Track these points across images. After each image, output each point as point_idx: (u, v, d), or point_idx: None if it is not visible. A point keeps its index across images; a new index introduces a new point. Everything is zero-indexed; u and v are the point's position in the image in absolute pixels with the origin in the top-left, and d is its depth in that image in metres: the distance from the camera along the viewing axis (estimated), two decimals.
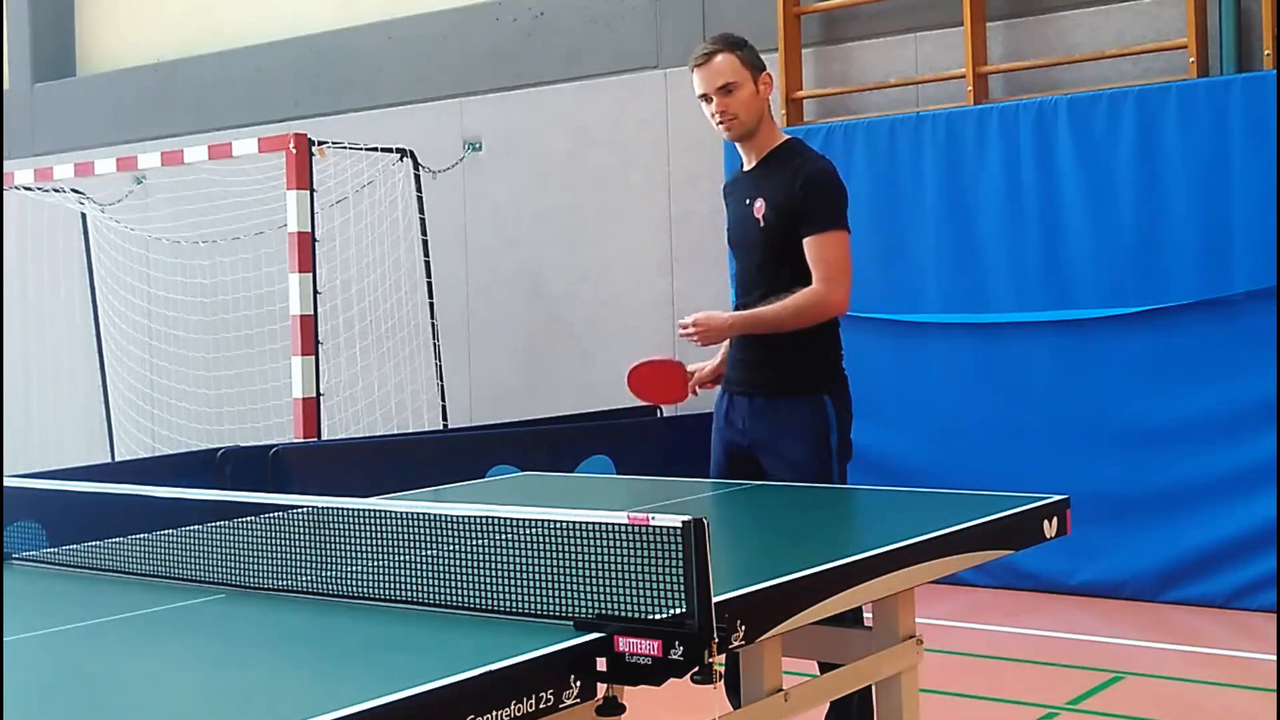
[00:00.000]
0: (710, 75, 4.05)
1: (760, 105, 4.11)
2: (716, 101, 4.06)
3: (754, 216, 4.10)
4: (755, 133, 4.12)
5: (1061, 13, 7.52)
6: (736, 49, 4.09)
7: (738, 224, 4.24)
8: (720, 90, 4.04)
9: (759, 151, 4.16)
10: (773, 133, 4.18)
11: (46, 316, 11.60)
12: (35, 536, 3.40)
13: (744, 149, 4.19)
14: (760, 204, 4.09)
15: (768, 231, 4.07)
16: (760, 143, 4.15)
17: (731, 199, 4.31)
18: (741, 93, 4.05)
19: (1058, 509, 3.52)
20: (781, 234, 4.05)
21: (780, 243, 4.05)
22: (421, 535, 2.81)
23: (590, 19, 9.12)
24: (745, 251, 4.21)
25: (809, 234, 4.02)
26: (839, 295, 4.05)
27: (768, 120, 4.15)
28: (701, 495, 3.99)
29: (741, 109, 4.06)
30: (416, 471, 5.84)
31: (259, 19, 10.87)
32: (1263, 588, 6.41)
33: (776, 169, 4.12)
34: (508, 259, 9.41)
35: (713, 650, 2.18)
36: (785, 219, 4.04)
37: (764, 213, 4.08)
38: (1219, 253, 6.55)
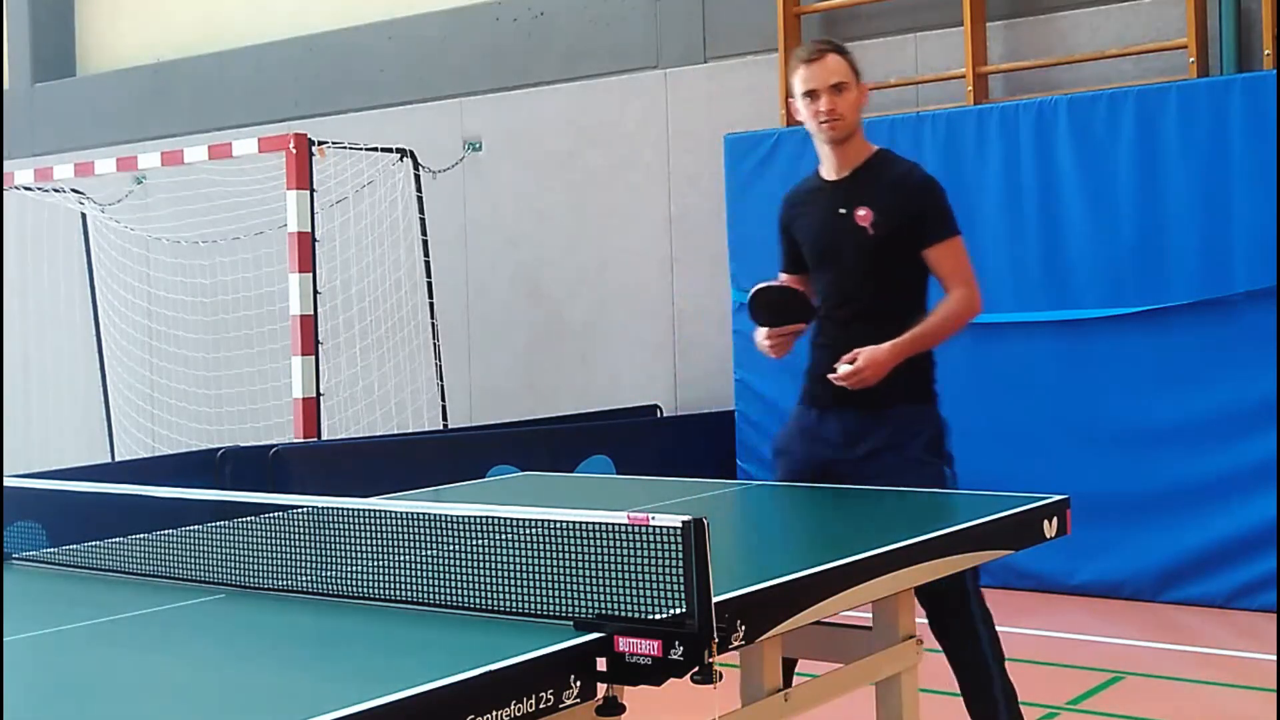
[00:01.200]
0: (824, 72, 4.01)
1: (859, 114, 4.08)
2: (826, 99, 4.00)
3: (858, 224, 4.01)
4: (851, 139, 4.07)
5: (1061, 13, 7.52)
6: (845, 53, 4.07)
7: (827, 234, 4.12)
8: (832, 89, 4.00)
9: (850, 160, 4.09)
10: (865, 143, 4.13)
11: (46, 316, 11.60)
12: (35, 536, 3.40)
13: (835, 155, 4.11)
14: (865, 211, 4.01)
15: (879, 239, 3.99)
16: (853, 151, 4.09)
17: (808, 209, 4.20)
18: (849, 94, 4.03)
19: (1058, 509, 3.52)
20: (891, 242, 3.99)
21: (889, 251, 4.00)
22: (421, 535, 2.81)
23: (590, 19, 9.12)
24: (842, 260, 4.08)
25: (934, 242, 4.00)
26: (979, 298, 4.05)
27: (861, 131, 4.11)
28: (701, 495, 3.98)
29: (848, 110, 4.02)
30: (416, 471, 5.84)
31: (259, 19, 10.87)
32: (1263, 588, 6.40)
33: (877, 177, 4.06)
34: (508, 259, 9.41)
35: (713, 650, 2.18)
36: (897, 227, 3.98)
37: (872, 219, 3.99)
38: (1219, 253, 6.55)
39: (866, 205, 4.02)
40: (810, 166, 8.20)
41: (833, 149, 4.11)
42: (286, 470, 6.77)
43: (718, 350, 8.28)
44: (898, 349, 3.90)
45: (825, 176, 4.17)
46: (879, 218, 4.00)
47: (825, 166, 4.18)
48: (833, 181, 4.14)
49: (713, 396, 8.43)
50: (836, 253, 4.10)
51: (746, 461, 7.92)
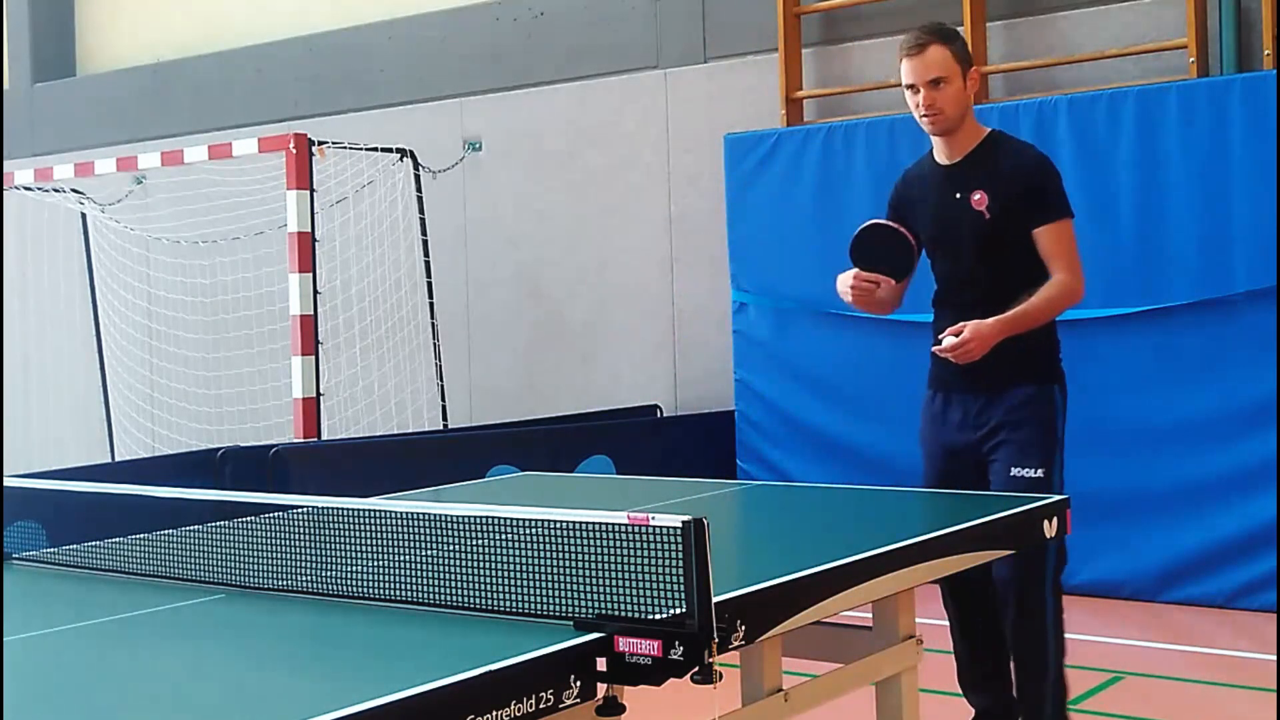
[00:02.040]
0: (922, 67, 3.98)
1: (966, 101, 4.03)
2: (924, 94, 3.98)
3: (973, 208, 4.01)
4: (960, 128, 4.04)
5: (1061, 13, 7.51)
6: (949, 42, 4.02)
7: (943, 219, 4.11)
8: (930, 84, 3.97)
9: (962, 146, 4.08)
10: (976, 126, 4.10)
11: (46, 316, 11.60)
12: (35, 536, 3.40)
13: (944, 143, 4.10)
14: (980, 195, 4.00)
15: (994, 223, 3.99)
16: (964, 137, 4.07)
17: (923, 194, 4.17)
18: (950, 88, 3.98)
19: (1058, 509, 3.52)
20: (1007, 226, 3.99)
21: (1004, 235, 4.00)
22: (421, 535, 2.81)
23: (590, 19, 9.12)
24: (959, 246, 4.09)
25: (1042, 223, 3.99)
26: (1081, 283, 4.04)
27: (972, 115, 4.08)
28: (701, 495, 3.99)
29: (949, 104, 3.99)
30: (416, 471, 5.84)
31: (259, 19, 10.87)
32: (1263, 588, 6.40)
33: (990, 160, 4.04)
34: (508, 259, 9.41)
35: (713, 650, 2.18)
36: (1012, 210, 3.98)
37: (987, 204, 3.99)
38: (1219, 253, 6.55)
39: (980, 189, 4.01)
40: (810, 166, 8.19)
41: (942, 138, 4.09)
42: (286, 470, 6.78)
43: (718, 350, 8.28)
44: (1002, 324, 3.91)
45: (938, 161, 4.14)
46: (993, 201, 3.99)
47: (937, 152, 4.15)
48: (945, 166, 4.12)
49: (713, 396, 8.43)
50: (953, 238, 4.10)
51: (746, 461, 7.92)
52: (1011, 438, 4.00)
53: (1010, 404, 4.02)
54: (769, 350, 7.83)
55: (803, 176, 7.66)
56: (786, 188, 7.71)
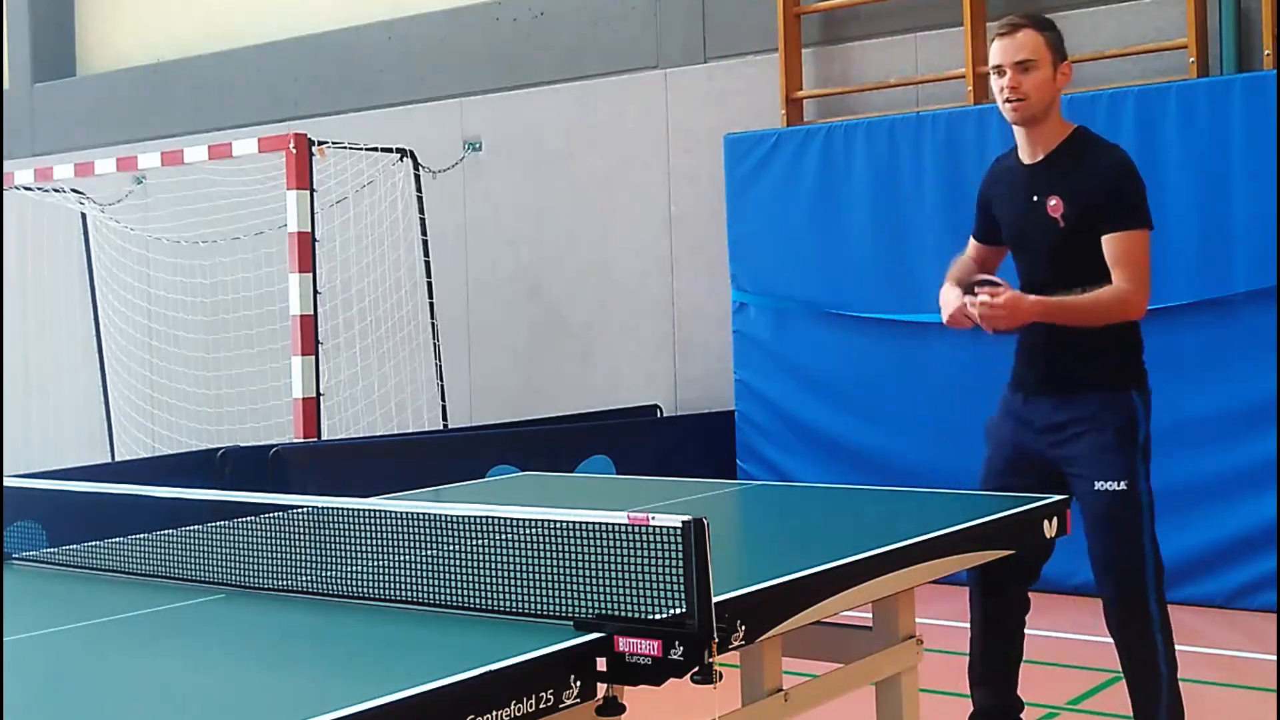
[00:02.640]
0: (1011, 48, 3.89)
1: (1053, 93, 3.90)
2: (1010, 76, 3.87)
3: (1048, 215, 3.87)
4: (1042, 121, 3.92)
5: (1061, 13, 7.50)
6: (1044, 29, 3.92)
7: (1020, 221, 3.99)
8: (1017, 65, 3.87)
9: (1045, 143, 3.94)
10: (1061, 124, 3.96)
11: (46, 316, 11.60)
12: (35, 536, 3.40)
13: (1027, 136, 3.96)
14: (1056, 201, 3.87)
15: (1069, 231, 3.85)
16: (1047, 133, 3.94)
17: (1005, 192, 4.05)
18: (1038, 73, 3.87)
19: (1058, 509, 3.52)
20: (1084, 233, 3.84)
21: (1081, 242, 3.84)
22: (421, 535, 2.81)
23: (590, 19, 9.12)
24: (1034, 251, 3.96)
25: (1112, 230, 3.82)
26: (1142, 298, 3.84)
27: (1058, 111, 3.95)
28: (701, 495, 3.99)
29: (1034, 90, 3.87)
30: (416, 471, 5.84)
31: (259, 19, 10.87)
32: (1263, 588, 6.40)
33: (1070, 162, 3.91)
34: (508, 259, 9.41)
35: (713, 650, 2.18)
36: (1088, 217, 3.84)
37: (1063, 211, 3.86)
38: (1219, 253, 6.55)
39: (1057, 195, 3.88)
40: (810, 166, 8.19)
41: (1025, 130, 3.96)
42: (286, 470, 6.78)
43: (718, 350, 8.28)
44: (1041, 305, 3.78)
45: (1021, 158, 4.02)
46: (1069, 209, 3.86)
47: (1020, 146, 4.03)
48: (1026, 166, 3.99)
49: (713, 396, 8.43)
50: (1030, 240, 3.98)
51: (746, 461, 7.92)
52: (1088, 448, 3.86)
53: (1090, 409, 3.88)
54: (769, 350, 7.83)
55: (803, 176, 7.66)
56: (786, 188, 7.71)
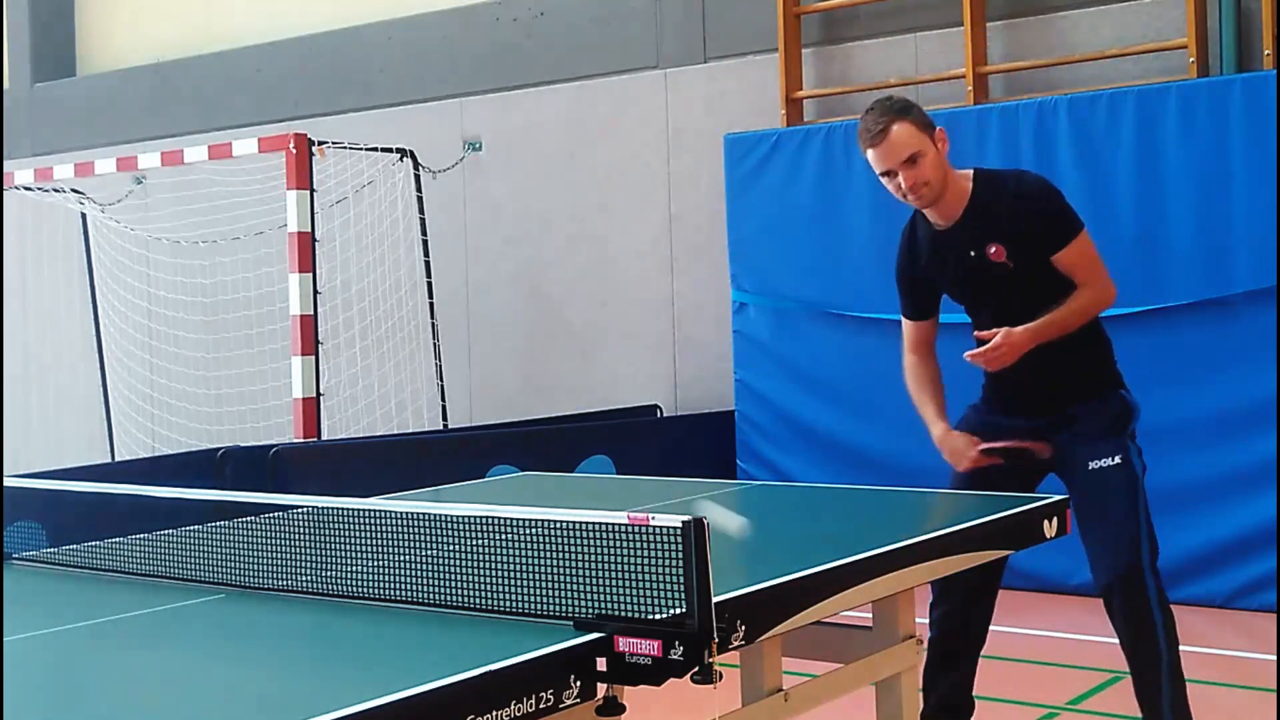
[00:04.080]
0: (891, 151, 3.85)
1: (943, 164, 3.91)
2: (904, 175, 3.85)
3: (993, 263, 3.92)
4: (944, 192, 3.93)
5: (1061, 13, 7.51)
6: (906, 115, 3.88)
7: (966, 279, 4.02)
8: (906, 163, 3.84)
9: (955, 205, 3.95)
10: (959, 180, 3.97)
11: (46, 316, 11.60)
12: (35, 536, 3.40)
13: (935, 210, 3.97)
14: (996, 248, 3.90)
15: (1019, 269, 3.92)
16: (953, 196, 3.94)
17: (937, 260, 4.05)
18: (925, 159, 3.85)
19: (1058, 509, 3.52)
20: (1032, 264, 3.92)
21: (1033, 274, 3.93)
22: (421, 535, 2.81)
23: (590, 19, 9.12)
24: (991, 299, 4.01)
25: (1058, 248, 3.91)
26: (1110, 289, 4.02)
27: (951, 172, 3.95)
28: (701, 495, 3.99)
29: (931, 174, 3.86)
30: (416, 471, 5.84)
31: (259, 19, 10.87)
32: (1263, 588, 6.40)
33: (990, 209, 3.94)
34: (508, 259, 9.41)
35: (713, 650, 2.18)
36: (1032, 248, 3.91)
37: (1007, 254, 3.90)
38: (1219, 253, 6.55)
39: (993, 241, 3.92)
40: (810, 166, 8.16)
41: (933, 207, 3.97)
42: (286, 470, 6.77)
43: (718, 350, 8.28)
44: (1032, 332, 3.86)
45: (937, 224, 4.02)
46: (1012, 249, 3.91)
47: (931, 217, 4.03)
48: (947, 229, 4.00)
49: (713, 396, 8.43)
50: (985, 292, 4.02)
51: (746, 461, 7.92)
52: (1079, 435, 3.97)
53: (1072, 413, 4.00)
54: (769, 350, 7.83)
55: (803, 176, 7.66)
56: (786, 188, 7.71)
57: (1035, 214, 3.93)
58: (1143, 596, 3.93)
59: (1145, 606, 3.94)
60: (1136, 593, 3.93)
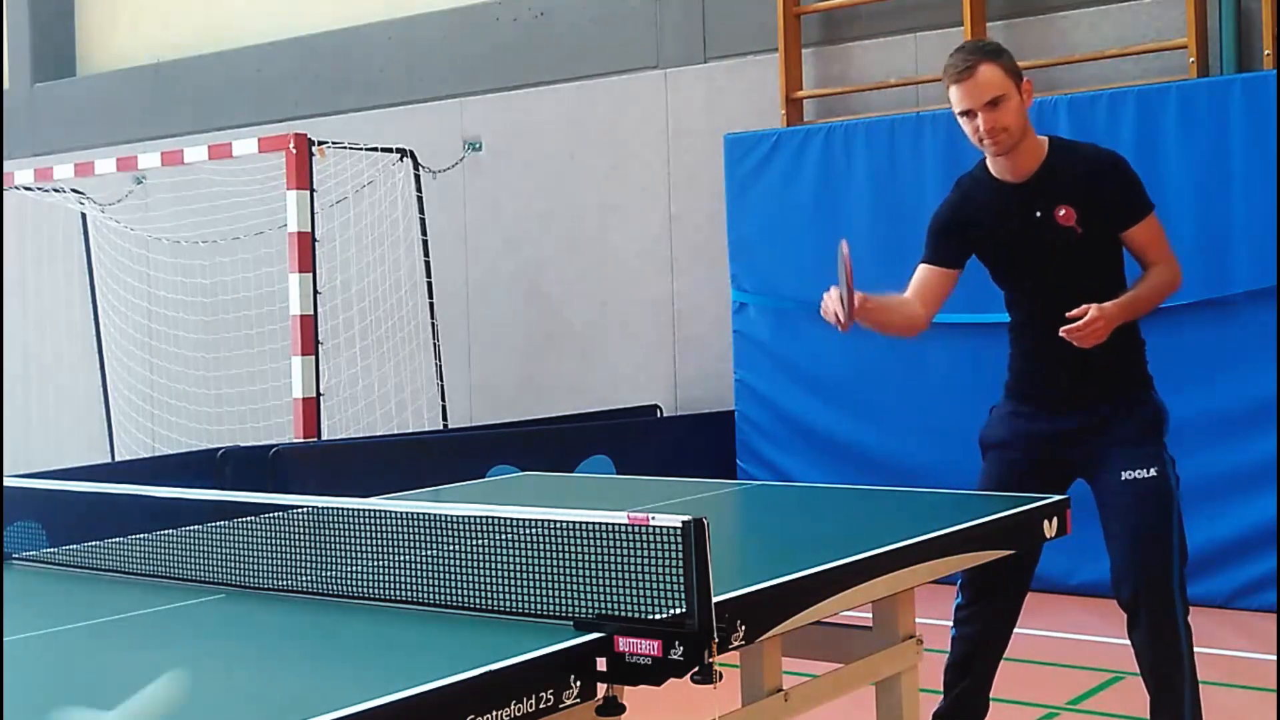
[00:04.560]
0: (976, 90, 3.76)
1: (1025, 115, 3.82)
2: (984, 117, 3.75)
3: (1060, 226, 3.81)
4: (1023, 142, 3.83)
5: (1061, 13, 7.52)
6: (998, 57, 3.79)
7: (1021, 240, 3.89)
8: (988, 105, 3.75)
9: (1031, 160, 3.86)
10: (1037, 140, 3.88)
11: (46, 316, 11.60)
12: (35, 536, 3.40)
13: (1007, 161, 3.86)
14: (1066, 211, 3.80)
15: (1086, 237, 3.82)
16: (1029, 151, 3.85)
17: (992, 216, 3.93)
18: (1009, 104, 3.76)
19: (1058, 509, 3.52)
20: (1100, 235, 3.85)
21: (1097, 246, 3.86)
22: (421, 535, 2.81)
23: (590, 19, 9.12)
24: (1047, 265, 3.89)
25: (1134, 222, 3.86)
26: (1179, 270, 4.00)
27: (1031, 129, 3.86)
28: (701, 495, 3.99)
29: (1012, 121, 3.76)
30: (416, 471, 5.84)
31: (259, 19, 10.87)
32: (1263, 588, 6.40)
33: (1065, 171, 3.85)
34: (508, 259, 9.41)
35: (713, 650, 2.18)
36: (1103, 217, 3.83)
37: (1077, 218, 3.80)
38: (1219, 253, 6.55)
39: (1064, 204, 3.82)
40: (810, 166, 8.16)
41: (1006, 158, 3.88)
42: (286, 470, 6.77)
43: (718, 350, 8.28)
44: (1122, 307, 3.77)
45: (1005, 178, 3.92)
46: (1083, 213, 3.82)
47: (998, 170, 3.93)
48: (1016, 185, 3.89)
49: (713, 396, 8.43)
50: (1040, 258, 3.90)
51: (746, 461, 7.92)
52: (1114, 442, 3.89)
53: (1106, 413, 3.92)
54: (769, 350, 7.83)
55: (803, 176, 7.66)
56: (786, 188, 7.71)
57: (1113, 184, 3.86)
58: (1170, 612, 3.90)
59: (1171, 622, 3.90)
60: (1164, 608, 3.90)
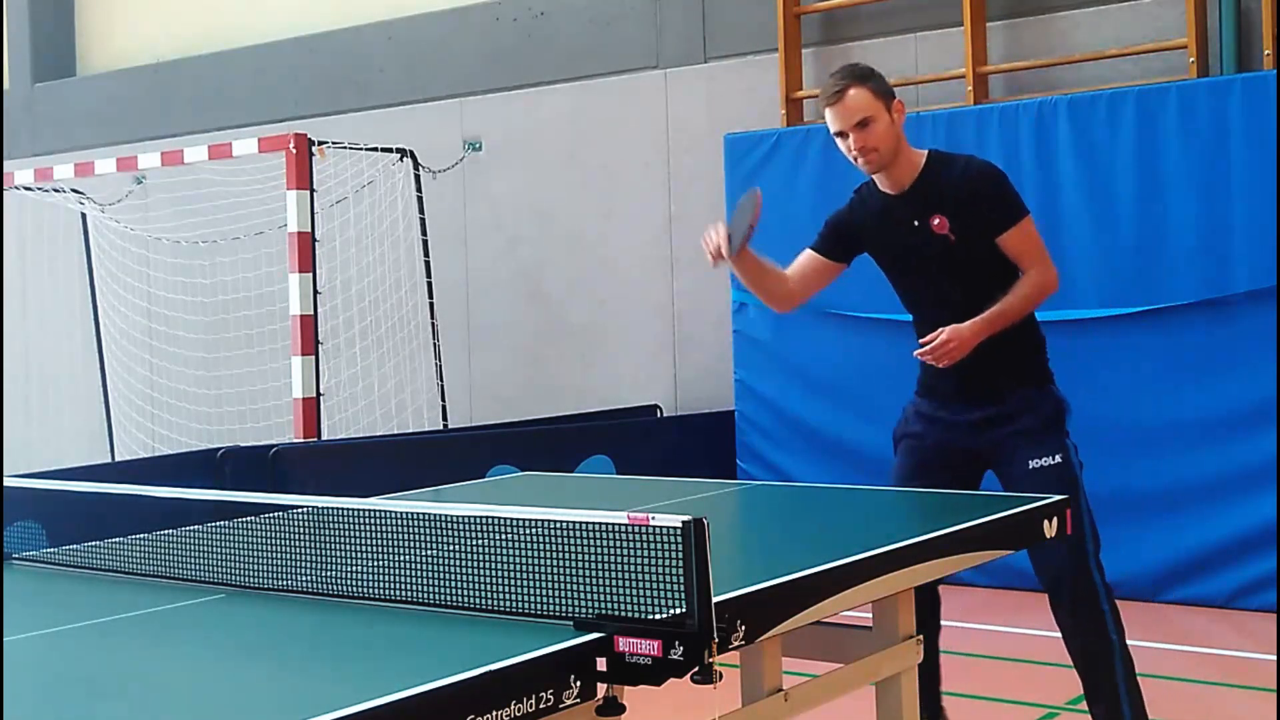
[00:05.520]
0: (846, 112, 4.01)
1: (896, 133, 4.05)
2: (854, 138, 4.01)
3: (935, 234, 4.05)
4: (897, 158, 4.07)
5: (1061, 13, 7.52)
6: (866, 80, 4.03)
7: (903, 248, 4.15)
8: (857, 126, 4.00)
9: (907, 174, 4.09)
10: (914, 153, 4.12)
11: (46, 317, 11.60)
12: (35, 536, 3.40)
13: (885, 177, 4.12)
14: (940, 220, 4.04)
15: (959, 244, 4.04)
16: (905, 166, 4.09)
17: (878, 223, 4.19)
18: (878, 125, 4.00)
19: (1058, 509, 3.52)
20: (973, 242, 4.04)
21: (972, 251, 4.05)
22: (421, 535, 2.81)
23: (590, 19, 9.12)
24: (929, 270, 4.13)
25: (1004, 229, 4.03)
26: (1054, 274, 4.12)
27: (906, 144, 4.10)
28: (701, 495, 3.99)
29: (879, 141, 4.01)
30: (416, 471, 5.84)
31: (259, 19, 10.87)
32: (1263, 588, 6.40)
33: (940, 182, 4.07)
34: (508, 259, 9.41)
35: (713, 650, 2.18)
36: (975, 226, 4.03)
37: (950, 226, 4.03)
38: (1219, 253, 6.55)
39: (938, 213, 4.04)
40: (810, 166, 8.16)
41: (884, 173, 4.11)
42: (286, 470, 6.78)
43: (718, 350, 8.28)
44: (979, 325, 3.97)
45: (887, 191, 4.16)
46: (955, 222, 4.03)
47: (881, 183, 4.17)
48: (895, 196, 4.14)
49: (713, 396, 8.43)
50: (922, 264, 4.14)
51: (746, 461, 7.92)
52: (1018, 431, 4.07)
53: (1007, 408, 4.10)
54: (769, 350, 7.83)
55: (803, 176, 7.66)
56: (786, 188, 7.70)
57: (982, 192, 4.05)
58: (1092, 593, 4.01)
59: (1095, 602, 4.02)
60: (1086, 589, 4.01)
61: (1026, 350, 4.16)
